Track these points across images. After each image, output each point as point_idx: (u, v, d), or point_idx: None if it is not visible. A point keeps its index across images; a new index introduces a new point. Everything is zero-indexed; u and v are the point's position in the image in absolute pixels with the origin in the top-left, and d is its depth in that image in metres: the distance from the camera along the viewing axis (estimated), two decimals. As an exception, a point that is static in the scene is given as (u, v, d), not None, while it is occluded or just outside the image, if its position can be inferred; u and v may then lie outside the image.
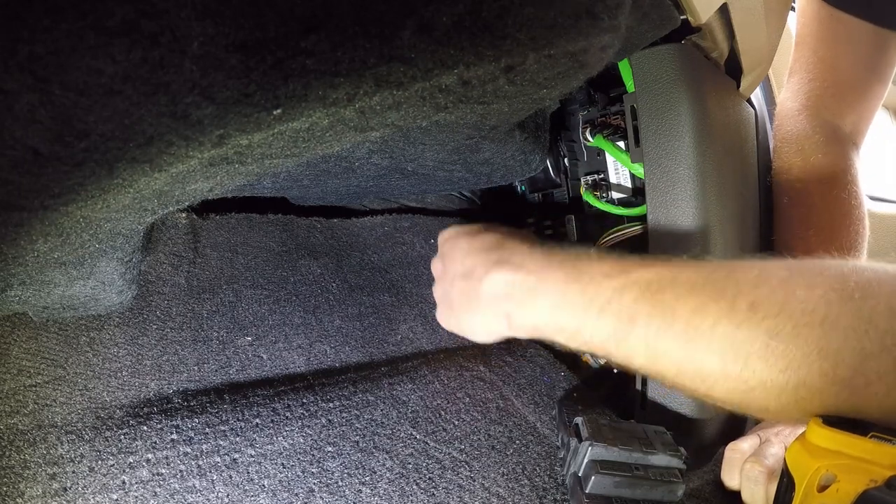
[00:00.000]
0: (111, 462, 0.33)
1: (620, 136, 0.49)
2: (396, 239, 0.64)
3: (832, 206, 0.53)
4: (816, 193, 0.54)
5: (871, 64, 0.54)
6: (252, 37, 0.20)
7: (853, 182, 0.55)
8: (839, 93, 0.55)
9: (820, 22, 0.53)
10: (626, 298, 0.30)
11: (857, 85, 0.55)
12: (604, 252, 0.34)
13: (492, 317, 0.37)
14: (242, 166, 0.28)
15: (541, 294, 0.34)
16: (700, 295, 0.28)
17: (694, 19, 0.38)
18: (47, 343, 0.38)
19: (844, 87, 0.55)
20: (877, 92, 0.56)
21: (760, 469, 0.37)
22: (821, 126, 0.55)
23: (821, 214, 0.53)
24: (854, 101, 0.56)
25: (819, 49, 0.55)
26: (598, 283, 0.31)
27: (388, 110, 0.26)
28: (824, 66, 0.55)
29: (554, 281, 0.33)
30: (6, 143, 0.19)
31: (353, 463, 0.38)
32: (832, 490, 0.26)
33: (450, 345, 0.57)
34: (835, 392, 0.25)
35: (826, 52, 0.54)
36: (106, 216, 0.28)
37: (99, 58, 0.18)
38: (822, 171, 0.54)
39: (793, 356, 0.25)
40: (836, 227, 0.53)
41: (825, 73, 0.55)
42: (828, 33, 0.53)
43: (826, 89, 0.55)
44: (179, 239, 0.48)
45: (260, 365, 0.45)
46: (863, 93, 0.56)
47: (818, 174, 0.54)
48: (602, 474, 0.34)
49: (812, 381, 0.25)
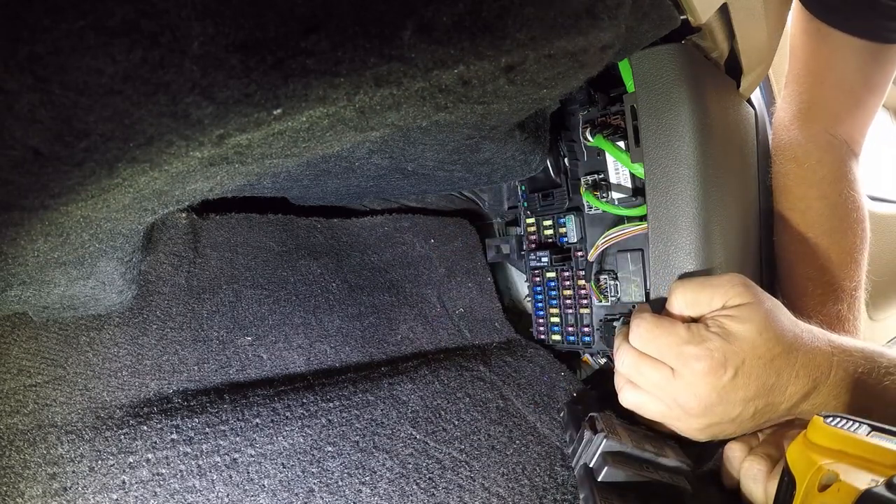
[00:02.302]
0: (111, 462, 0.33)
1: (620, 136, 0.49)
2: (396, 239, 0.64)
3: (829, 210, 0.54)
4: (812, 198, 0.54)
5: (861, 75, 0.54)
6: (252, 37, 0.20)
7: (850, 187, 0.55)
8: (830, 104, 0.56)
9: (809, 35, 0.54)
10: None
11: (848, 96, 0.55)
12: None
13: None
14: (242, 166, 0.28)
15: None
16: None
17: (694, 19, 0.38)
18: (47, 343, 0.38)
19: (835, 98, 0.55)
20: (869, 102, 0.56)
21: (760, 468, 0.37)
22: (813, 135, 0.56)
23: (817, 219, 0.54)
24: (846, 111, 0.56)
25: (809, 62, 0.55)
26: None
27: (388, 110, 0.26)
28: (814, 78, 0.55)
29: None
30: (6, 143, 0.19)
31: (353, 463, 0.38)
32: (833, 489, 0.26)
33: (450, 345, 0.57)
34: None
35: (816, 65, 0.55)
36: (106, 216, 0.28)
37: (99, 58, 0.18)
38: (817, 176, 0.54)
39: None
40: (833, 231, 0.53)
41: (815, 86, 0.56)
42: (816, 46, 0.54)
43: (817, 101, 0.56)
44: (179, 239, 0.48)
45: (260, 365, 0.45)
46: (855, 104, 0.56)
47: (814, 179, 0.54)
48: (615, 466, 0.35)
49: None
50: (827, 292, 0.52)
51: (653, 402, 0.37)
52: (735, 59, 0.47)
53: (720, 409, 0.35)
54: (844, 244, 0.53)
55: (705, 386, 0.34)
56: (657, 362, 0.36)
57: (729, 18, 0.41)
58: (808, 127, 0.56)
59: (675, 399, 0.36)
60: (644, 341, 0.37)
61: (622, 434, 0.37)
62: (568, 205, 0.58)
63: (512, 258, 0.67)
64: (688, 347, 0.34)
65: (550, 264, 0.58)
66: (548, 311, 0.60)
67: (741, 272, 0.48)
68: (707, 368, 0.34)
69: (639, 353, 0.37)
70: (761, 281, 0.54)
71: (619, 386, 0.40)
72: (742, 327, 0.34)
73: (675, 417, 0.37)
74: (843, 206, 0.54)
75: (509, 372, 0.53)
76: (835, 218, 0.54)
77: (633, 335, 0.38)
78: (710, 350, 0.34)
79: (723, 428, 0.37)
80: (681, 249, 0.43)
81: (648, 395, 0.37)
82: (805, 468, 0.29)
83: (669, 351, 0.35)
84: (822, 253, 0.52)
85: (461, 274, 0.66)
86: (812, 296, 0.52)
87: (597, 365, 0.58)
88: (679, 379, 0.35)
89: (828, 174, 0.55)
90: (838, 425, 0.29)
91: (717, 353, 0.34)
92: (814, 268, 0.53)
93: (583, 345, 0.57)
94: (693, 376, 0.34)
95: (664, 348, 0.35)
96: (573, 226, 0.56)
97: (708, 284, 0.37)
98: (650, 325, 0.37)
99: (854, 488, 0.25)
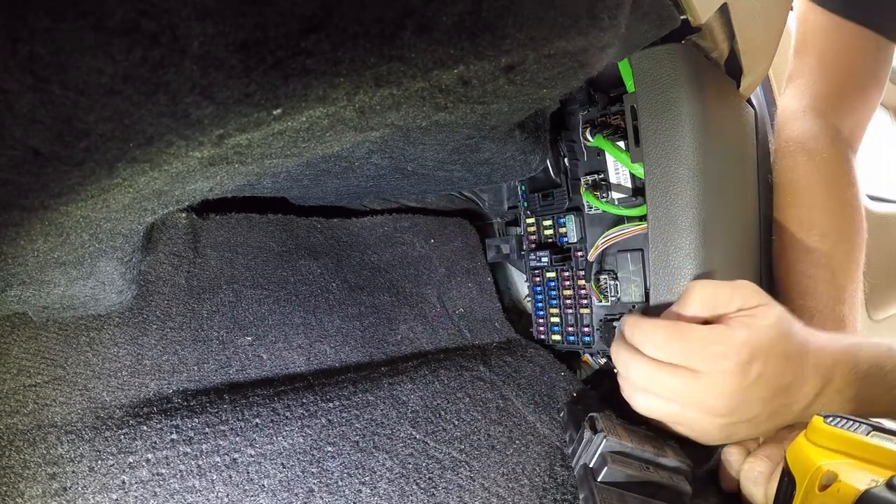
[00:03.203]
0: (111, 462, 0.33)
1: (620, 136, 0.49)
2: (396, 239, 0.64)
3: (836, 208, 0.54)
4: (820, 194, 0.54)
5: (871, 70, 0.56)
6: (252, 36, 0.20)
7: (853, 184, 0.55)
8: (842, 97, 0.57)
9: (826, 31, 0.55)
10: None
11: (858, 90, 0.57)
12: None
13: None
14: (242, 166, 0.28)
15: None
16: None
17: (694, 19, 0.38)
18: (47, 343, 0.38)
19: (847, 91, 0.57)
20: (874, 97, 0.58)
21: (759, 469, 0.37)
22: (826, 127, 0.56)
23: (823, 215, 0.53)
24: (855, 105, 0.58)
25: (825, 56, 0.57)
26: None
27: (388, 110, 0.26)
28: (829, 71, 0.57)
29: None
30: (6, 143, 0.19)
31: (353, 463, 0.38)
32: (833, 489, 0.26)
33: (450, 345, 0.57)
34: None
35: (831, 59, 0.56)
36: (106, 216, 0.28)
37: (99, 58, 0.18)
38: (826, 171, 0.54)
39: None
40: (837, 229, 0.53)
41: (830, 78, 0.57)
42: (834, 42, 0.56)
43: (831, 93, 0.57)
44: (179, 239, 0.48)
45: (260, 365, 0.45)
46: (863, 98, 0.58)
47: (823, 175, 0.54)
48: (615, 465, 0.35)
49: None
50: (830, 292, 0.52)
51: (669, 405, 0.37)
52: (735, 59, 0.47)
53: (742, 408, 0.35)
54: (848, 244, 0.53)
55: (732, 384, 0.34)
56: (676, 368, 0.35)
57: (729, 18, 0.41)
58: (821, 119, 0.57)
59: (699, 401, 0.35)
60: (663, 348, 0.36)
61: (622, 434, 0.37)
62: (568, 205, 0.58)
63: (512, 258, 0.67)
64: (714, 347, 0.34)
65: (550, 264, 0.58)
66: (548, 311, 0.60)
67: (741, 271, 0.49)
68: (734, 366, 0.34)
69: (654, 362, 0.36)
70: (761, 281, 0.54)
71: (630, 394, 0.39)
72: (763, 325, 0.34)
73: (692, 419, 0.37)
74: (848, 205, 0.54)
75: (509, 372, 0.53)
76: (840, 216, 0.54)
77: (647, 344, 0.36)
78: (736, 347, 0.34)
79: (739, 428, 0.37)
80: (680, 249, 0.43)
81: (665, 400, 0.37)
82: (805, 468, 0.29)
83: (693, 354, 0.34)
84: (827, 251, 0.52)
85: (461, 274, 0.66)
86: (815, 295, 0.52)
87: (597, 365, 0.58)
88: (703, 379, 0.34)
89: (836, 169, 0.55)
90: (838, 425, 0.29)
91: (743, 351, 0.34)
92: (818, 267, 0.52)
93: (583, 345, 0.57)
94: (721, 375, 0.34)
95: (687, 352, 0.35)
96: (573, 226, 0.56)
97: (726, 284, 0.37)
98: (667, 331, 0.36)
99: (854, 488, 0.25)
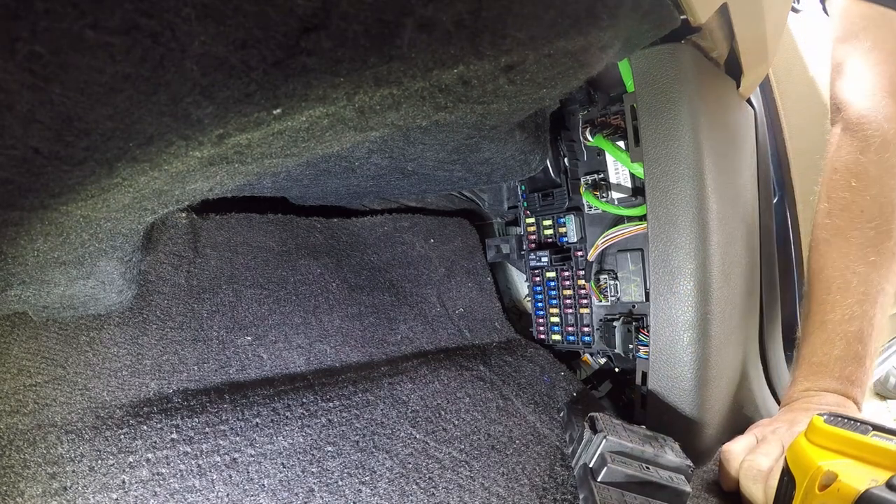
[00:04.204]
0: (111, 462, 0.33)
1: (620, 135, 0.49)
2: (396, 239, 0.64)
3: (892, 197, 0.49)
4: (885, 185, 0.49)
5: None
6: (252, 36, 0.20)
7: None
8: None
9: (879, 18, 0.51)
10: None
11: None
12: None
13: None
14: (242, 166, 0.28)
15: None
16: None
17: (694, 19, 0.38)
18: (47, 343, 0.38)
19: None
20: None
21: (759, 468, 0.37)
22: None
23: (876, 209, 0.49)
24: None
25: (886, 42, 0.51)
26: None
27: (388, 110, 0.26)
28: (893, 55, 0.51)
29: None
30: (6, 142, 0.19)
31: (353, 463, 0.38)
32: (833, 489, 0.26)
33: (450, 345, 0.57)
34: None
35: (892, 46, 0.51)
36: (106, 216, 0.28)
37: (99, 57, 0.18)
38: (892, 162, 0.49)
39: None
40: (886, 221, 0.49)
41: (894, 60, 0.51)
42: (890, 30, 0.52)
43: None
44: (179, 239, 0.48)
45: (260, 365, 0.45)
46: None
47: (891, 164, 0.49)
48: (615, 465, 0.35)
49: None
50: (869, 290, 0.49)
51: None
52: (735, 59, 0.47)
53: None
54: (891, 242, 0.49)
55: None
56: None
57: (729, 18, 0.41)
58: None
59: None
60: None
61: (622, 434, 0.37)
62: (568, 205, 0.58)
63: (512, 258, 0.67)
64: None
65: (550, 264, 0.58)
66: (548, 311, 0.60)
67: (741, 269, 0.48)
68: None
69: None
70: (760, 278, 0.54)
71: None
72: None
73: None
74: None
75: (509, 372, 0.53)
76: (889, 209, 0.49)
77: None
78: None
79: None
80: (680, 249, 0.43)
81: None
82: (805, 468, 0.29)
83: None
84: (875, 249, 0.48)
85: (461, 274, 0.66)
86: (854, 293, 0.48)
87: (597, 365, 0.58)
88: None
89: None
90: (838, 425, 0.29)
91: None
92: (864, 264, 0.49)
93: (583, 344, 0.57)
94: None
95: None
96: (573, 225, 0.56)
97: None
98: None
99: (854, 488, 0.25)
